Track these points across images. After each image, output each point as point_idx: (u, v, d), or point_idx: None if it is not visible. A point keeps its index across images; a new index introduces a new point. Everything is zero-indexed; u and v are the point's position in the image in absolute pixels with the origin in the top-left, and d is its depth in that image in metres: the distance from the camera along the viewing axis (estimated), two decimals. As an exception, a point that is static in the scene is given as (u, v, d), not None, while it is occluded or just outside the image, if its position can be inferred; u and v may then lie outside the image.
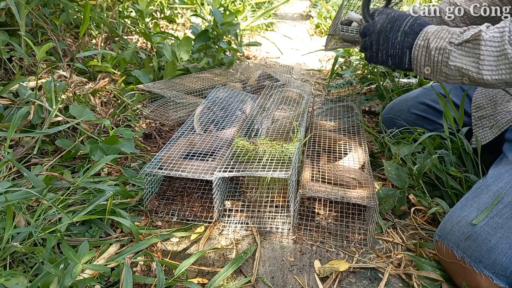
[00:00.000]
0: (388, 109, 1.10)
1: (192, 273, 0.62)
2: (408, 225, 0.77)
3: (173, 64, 1.27)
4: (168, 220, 0.74)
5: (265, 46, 2.19)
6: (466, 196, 0.67)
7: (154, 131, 1.06)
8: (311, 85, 1.61)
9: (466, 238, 0.59)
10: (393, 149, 0.90)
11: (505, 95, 0.83)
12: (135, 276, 0.58)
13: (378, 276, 0.64)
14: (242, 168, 0.70)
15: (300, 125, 0.89)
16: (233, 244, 0.69)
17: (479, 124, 0.86)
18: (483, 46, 0.60)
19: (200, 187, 0.83)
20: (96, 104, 1.08)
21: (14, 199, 0.60)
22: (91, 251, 0.52)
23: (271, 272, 0.64)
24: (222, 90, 1.14)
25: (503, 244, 0.56)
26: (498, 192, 0.62)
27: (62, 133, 0.90)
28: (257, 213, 0.75)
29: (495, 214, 0.59)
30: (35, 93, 0.89)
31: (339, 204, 0.80)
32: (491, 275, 0.55)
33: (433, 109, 0.98)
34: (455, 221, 0.62)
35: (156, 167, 0.73)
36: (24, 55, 0.96)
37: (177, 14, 2.13)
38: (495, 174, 0.67)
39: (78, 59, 1.25)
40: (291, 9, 3.68)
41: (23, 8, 1.00)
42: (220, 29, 1.46)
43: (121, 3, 1.51)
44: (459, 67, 0.63)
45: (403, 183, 0.81)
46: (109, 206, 0.64)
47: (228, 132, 0.89)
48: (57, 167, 0.81)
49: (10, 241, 0.57)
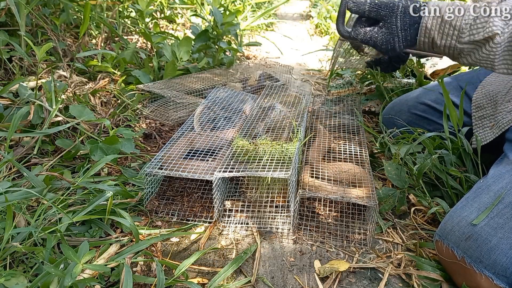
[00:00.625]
0: (388, 109, 1.10)
1: (192, 273, 0.62)
2: (408, 225, 0.77)
3: (173, 64, 1.27)
4: (168, 220, 0.74)
5: (265, 46, 2.19)
6: (467, 196, 0.67)
7: (154, 131, 1.06)
8: (311, 85, 1.61)
9: (467, 238, 0.59)
10: (393, 149, 0.90)
11: (505, 95, 0.83)
12: (135, 276, 0.58)
13: (378, 276, 0.64)
14: (242, 168, 0.70)
15: (300, 125, 0.89)
16: (233, 244, 0.69)
17: (480, 124, 0.86)
18: (499, 49, 0.59)
19: (200, 187, 0.83)
20: (96, 104, 1.08)
21: (14, 199, 0.60)
22: (91, 251, 0.52)
23: (271, 272, 0.64)
24: (222, 90, 1.14)
25: (504, 244, 0.56)
26: (498, 192, 0.62)
27: (62, 133, 0.90)
28: (257, 213, 0.76)
29: (495, 214, 0.59)
30: (35, 93, 0.89)
31: (339, 204, 0.80)
32: (491, 276, 0.55)
33: (433, 109, 0.98)
34: (455, 221, 0.62)
35: (156, 167, 0.73)
36: (24, 55, 0.96)
37: (177, 14, 2.13)
38: (496, 174, 0.67)
39: (78, 59, 1.25)
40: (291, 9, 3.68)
41: (23, 8, 1.00)
42: (220, 29, 1.46)
43: (121, 3, 1.51)
44: (471, 63, 0.63)
45: (403, 183, 0.81)
46: (109, 206, 0.64)
47: (228, 132, 0.89)
48: (57, 167, 0.81)
49: (10, 241, 0.57)
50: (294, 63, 1.91)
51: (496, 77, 0.90)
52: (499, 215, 0.59)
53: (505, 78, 0.88)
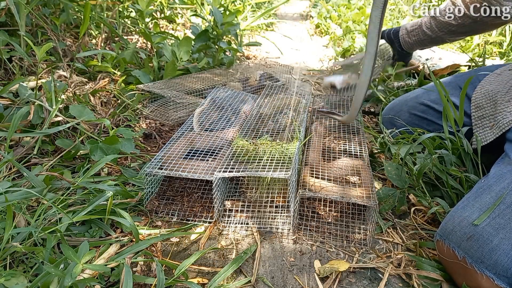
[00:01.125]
0: (388, 109, 1.10)
1: (192, 273, 0.62)
2: (408, 225, 0.77)
3: (173, 64, 1.27)
4: (168, 220, 0.74)
5: (265, 46, 2.19)
6: (468, 196, 0.67)
7: (154, 131, 1.06)
8: (311, 85, 1.61)
9: (468, 238, 0.59)
10: (393, 149, 0.90)
11: (505, 94, 0.83)
12: (135, 276, 0.58)
13: (378, 276, 0.64)
14: (242, 168, 0.70)
15: (300, 125, 0.89)
16: (233, 244, 0.69)
17: (479, 124, 0.86)
18: None
19: (200, 187, 0.83)
20: (96, 104, 1.08)
21: (14, 199, 0.60)
22: (91, 251, 0.52)
23: (271, 272, 0.64)
24: (222, 90, 1.14)
25: (505, 245, 0.55)
26: (500, 193, 0.62)
27: (62, 133, 0.90)
28: (257, 213, 0.76)
29: (497, 214, 0.59)
30: (35, 93, 0.89)
31: (339, 204, 0.80)
32: (492, 276, 0.55)
33: (433, 109, 0.98)
34: (456, 221, 0.62)
35: (156, 167, 0.73)
36: (24, 55, 0.96)
37: (177, 14, 2.13)
38: (497, 174, 0.67)
39: (78, 59, 1.25)
40: (291, 9, 3.68)
41: (23, 8, 1.00)
42: (220, 29, 1.46)
43: (121, 3, 1.51)
44: None
45: (403, 183, 0.81)
46: (109, 206, 0.64)
47: (228, 132, 0.89)
48: (57, 167, 0.81)
49: (10, 241, 0.57)
50: (294, 63, 1.91)
51: (496, 77, 0.90)
52: (500, 215, 0.59)
53: (504, 77, 0.87)
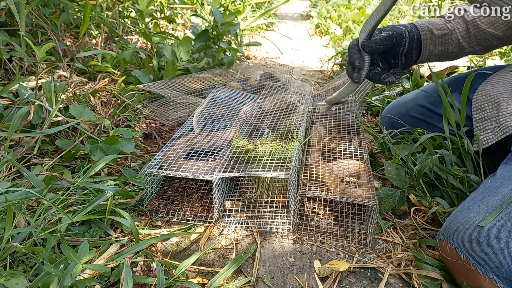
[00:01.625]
0: (387, 110, 1.10)
1: (192, 273, 0.62)
2: (408, 225, 0.77)
3: (173, 64, 1.27)
4: (168, 220, 0.74)
5: (265, 46, 2.20)
6: (474, 196, 0.65)
7: (154, 131, 1.06)
8: (311, 85, 1.61)
9: (472, 239, 0.58)
10: (393, 149, 0.90)
11: (508, 97, 0.82)
12: (135, 276, 0.58)
13: (378, 276, 0.64)
14: (242, 168, 0.70)
15: (300, 125, 0.90)
16: (233, 244, 0.69)
17: (480, 126, 0.85)
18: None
19: (200, 187, 0.83)
20: (96, 104, 1.08)
21: (14, 199, 0.60)
22: (91, 251, 0.52)
23: (271, 272, 0.64)
24: (222, 90, 1.14)
25: (510, 248, 0.55)
26: (508, 195, 0.61)
27: (62, 133, 0.90)
28: (257, 213, 0.76)
29: (503, 217, 0.58)
30: (35, 93, 0.89)
31: (339, 204, 0.80)
32: (495, 278, 0.55)
33: (432, 112, 0.98)
34: (461, 222, 0.61)
35: (156, 167, 0.73)
36: (24, 55, 0.96)
37: (177, 14, 2.13)
38: (505, 175, 0.66)
39: (78, 59, 1.25)
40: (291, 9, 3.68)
41: (23, 8, 1.00)
42: (220, 29, 1.46)
43: (121, 3, 1.51)
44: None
45: (403, 183, 0.81)
46: (109, 206, 0.64)
47: (228, 132, 0.89)
48: (57, 167, 0.81)
49: (10, 241, 0.57)
50: (294, 63, 1.91)
51: (497, 79, 0.89)
52: (507, 218, 0.58)
53: (507, 79, 0.87)
